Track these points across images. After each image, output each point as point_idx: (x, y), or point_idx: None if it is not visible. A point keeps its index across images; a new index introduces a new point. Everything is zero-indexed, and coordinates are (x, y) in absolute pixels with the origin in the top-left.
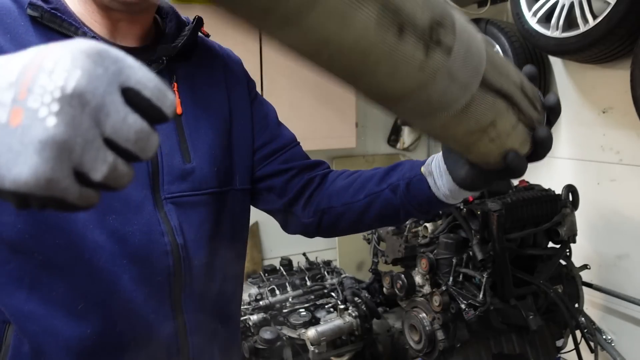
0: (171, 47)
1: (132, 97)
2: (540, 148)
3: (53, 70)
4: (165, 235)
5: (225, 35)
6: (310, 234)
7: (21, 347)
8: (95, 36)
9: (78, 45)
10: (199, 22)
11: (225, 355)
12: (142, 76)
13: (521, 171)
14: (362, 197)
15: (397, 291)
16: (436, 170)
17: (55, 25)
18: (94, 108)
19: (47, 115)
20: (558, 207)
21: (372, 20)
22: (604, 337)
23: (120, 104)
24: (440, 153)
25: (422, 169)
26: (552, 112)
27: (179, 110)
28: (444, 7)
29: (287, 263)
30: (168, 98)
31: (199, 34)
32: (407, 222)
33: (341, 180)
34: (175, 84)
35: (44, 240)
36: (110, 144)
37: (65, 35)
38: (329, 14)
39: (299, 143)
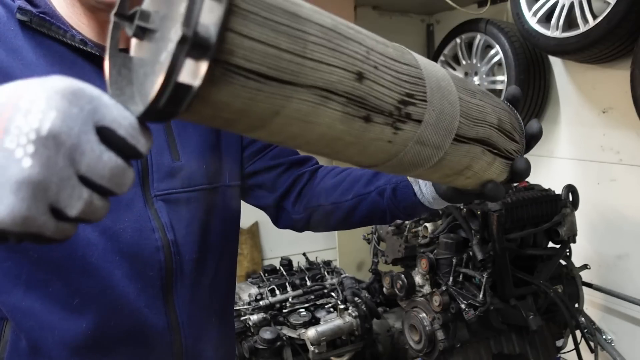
0: None
1: (107, 136)
2: (517, 177)
3: (29, 111)
4: (156, 231)
5: None
6: (299, 229)
7: (18, 343)
8: (83, 39)
9: (53, 84)
10: None
11: (219, 350)
12: (117, 115)
13: (499, 198)
14: (350, 197)
15: (397, 291)
16: None
17: (44, 29)
18: (69, 148)
19: (23, 157)
20: (558, 207)
21: (336, 116)
22: (603, 337)
23: (95, 143)
24: None
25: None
26: (533, 139)
27: None
28: (414, 75)
29: (287, 263)
30: (142, 136)
31: None
32: (407, 222)
33: (330, 178)
34: None
35: None
36: (86, 181)
37: (53, 39)
38: (292, 119)
39: None
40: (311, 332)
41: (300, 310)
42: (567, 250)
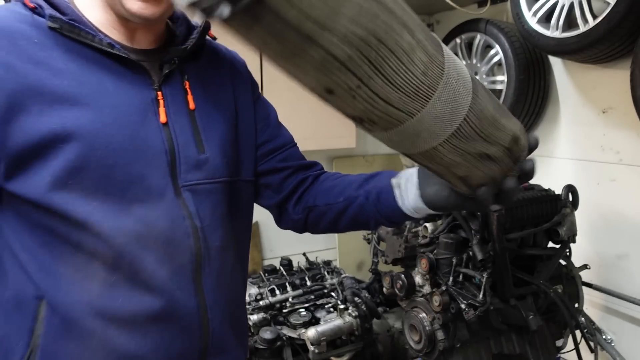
0: (182, 48)
1: None
2: (504, 195)
3: None
4: (185, 219)
5: (227, 38)
6: (299, 230)
7: (53, 320)
8: (111, 42)
9: None
10: (206, 25)
11: (238, 334)
12: None
13: (486, 206)
14: (342, 199)
15: (397, 291)
16: (404, 183)
17: (74, 35)
18: None
19: None
20: (558, 207)
21: None
22: (603, 337)
23: None
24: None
25: (393, 180)
26: (525, 176)
27: (192, 106)
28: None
29: (287, 263)
30: None
31: (207, 37)
32: (407, 222)
33: (329, 181)
34: (187, 82)
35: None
36: None
37: (83, 44)
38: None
39: (296, 144)
40: (311, 332)
41: (300, 310)
42: (567, 250)
